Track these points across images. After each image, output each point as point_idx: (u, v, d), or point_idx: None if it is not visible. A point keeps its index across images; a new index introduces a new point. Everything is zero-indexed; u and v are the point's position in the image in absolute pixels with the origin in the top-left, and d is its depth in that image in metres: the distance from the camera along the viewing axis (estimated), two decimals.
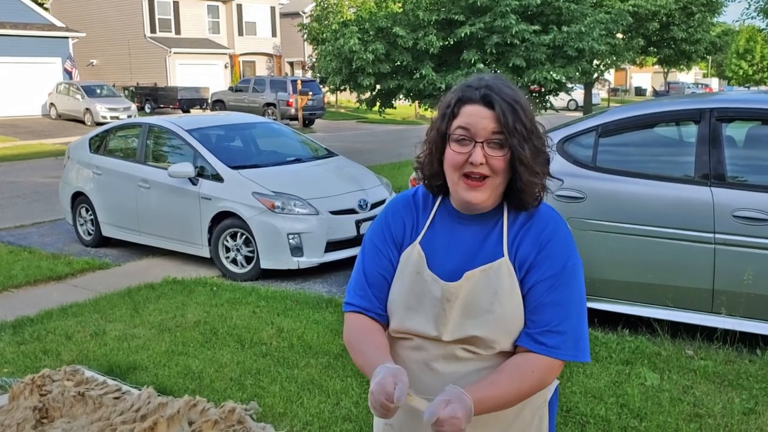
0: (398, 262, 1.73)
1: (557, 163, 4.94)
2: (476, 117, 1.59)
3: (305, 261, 6.72)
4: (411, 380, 1.64)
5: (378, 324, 1.74)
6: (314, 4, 30.69)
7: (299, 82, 28.51)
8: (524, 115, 1.60)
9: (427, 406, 1.47)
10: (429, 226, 1.72)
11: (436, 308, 1.65)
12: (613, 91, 53.60)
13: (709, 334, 4.70)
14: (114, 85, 32.02)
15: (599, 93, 43.88)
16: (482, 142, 1.59)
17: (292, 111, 27.91)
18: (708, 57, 39.54)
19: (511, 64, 13.29)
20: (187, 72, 37.42)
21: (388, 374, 1.48)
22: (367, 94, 15.52)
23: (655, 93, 51.97)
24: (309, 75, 37.33)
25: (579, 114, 29.98)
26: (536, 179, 1.62)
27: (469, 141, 1.60)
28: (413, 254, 1.70)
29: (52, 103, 29.94)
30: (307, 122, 28.52)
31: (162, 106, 32.04)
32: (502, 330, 1.62)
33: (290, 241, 6.67)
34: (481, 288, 1.63)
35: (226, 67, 39.90)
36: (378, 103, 15.67)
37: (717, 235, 4.43)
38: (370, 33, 13.92)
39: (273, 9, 43.34)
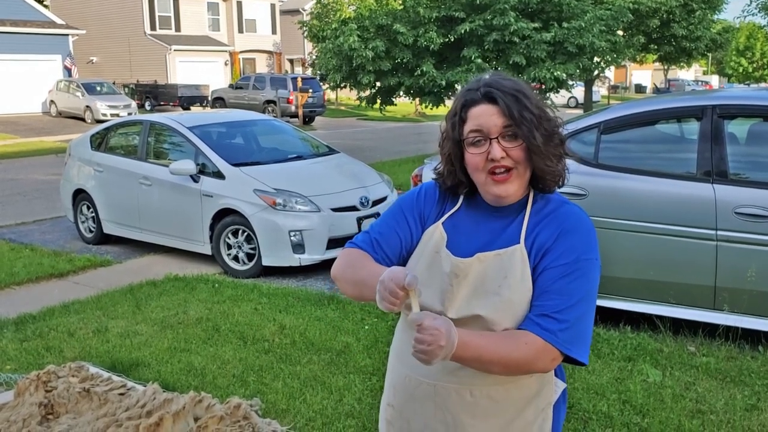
0: (419, 236, 1.76)
1: None
2: (484, 116, 1.63)
3: (307, 258, 6.73)
4: (410, 361, 1.67)
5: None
6: (314, 1, 30.71)
7: (299, 79, 28.50)
8: (529, 102, 1.62)
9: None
10: (456, 211, 1.76)
11: (444, 283, 1.67)
12: (614, 89, 53.57)
13: (711, 330, 4.71)
14: (114, 83, 32.01)
15: (599, 90, 43.85)
16: (496, 138, 1.62)
17: (293, 108, 27.90)
18: (708, 54, 39.53)
19: (511, 62, 13.30)
20: (188, 69, 37.40)
21: (398, 269, 1.50)
22: (368, 92, 15.53)
23: (656, 90, 51.93)
24: (309, 72, 37.29)
25: (579, 111, 29.99)
26: (552, 162, 1.65)
27: (484, 140, 1.63)
28: (435, 233, 1.73)
29: (52, 101, 29.92)
30: (308, 120, 28.52)
31: (162, 103, 32.03)
32: (507, 314, 1.62)
33: (292, 238, 6.67)
34: (492, 271, 1.64)
35: (226, 64, 39.88)
36: (378, 101, 15.67)
37: (719, 232, 4.43)
38: (370, 30, 13.92)
39: (273, 6, 43.31)
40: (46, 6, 35.40)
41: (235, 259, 7.01)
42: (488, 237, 1.69)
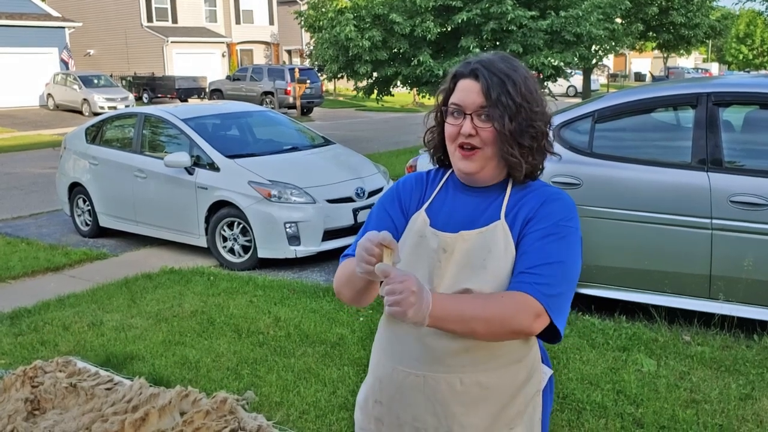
0: (403, 226, 1.78)
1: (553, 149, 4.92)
2: (466, 91, 1.66)
3: (302, 250, 6.71)
4: (403, 352, 1.70)
5: None
6: None
7: (297, 70, 28.41)
8: (514, 89, 1.63)
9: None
10: (436, 195, 1.78)
11: (432, 260, 1.68)
12: (613, 77, 53.41)
13: (706, 319, 4.70)
14: (111, 75, 31.91)
15: (598, 79, 43.72)
16: (471, 114, 1.65)
17: (290, 99, 27.84)
18: (707, 41, 39.37)
19: (508, 50, 13.22)
20: (185, 61, 37.30)
21: (375, 231, 1.50)
22: (365, 82, 15.46)
23: (653, 78, 51.80)
24: (307, 63, 37.17)
25: (578, 100, 29.91)
26: (517, 153, 1.65)
27: (460, 114, 1.67)
28: (419, 219, 1.75)
29: (49, 94, 29.86)
30: (305, 110, 28.45)
31: (160, 95, 31.95)
32: (493, 286, 1.62)
33: (287, 230, 6.66)
34: (477, 247, 1.66)
35: (223, 55, 39.76)
36: (375, 91, 15.60)
37: (714, 221, 4.41)
38: (367, 20, 13.85)
39: None
40: None
41: (231, 251, 7.00)
42: (470, 217, 1.71)
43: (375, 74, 14.88)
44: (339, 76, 15.37)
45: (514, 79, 1.64)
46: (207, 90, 31.89)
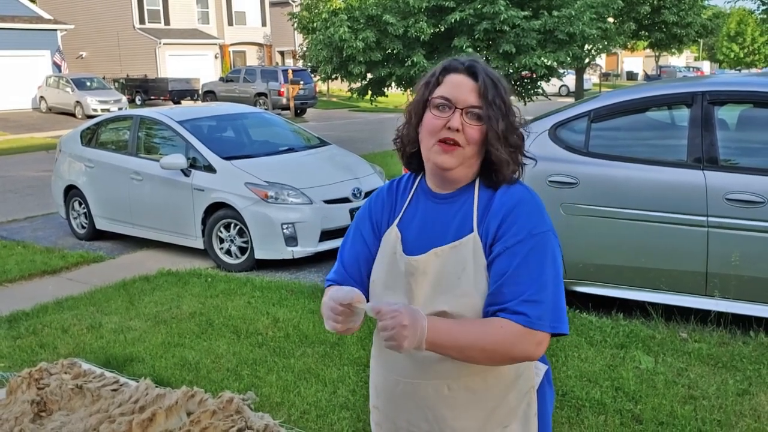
0: (376, 246, 1.79)
1: (549, 149, 4.95)
2: (459, 86, 1.66)
3: (300, 250, 6.72)
4: (392, 360, 1.72)
5: None
6: None
7: (290, 71, 28.38)
8: (504, 93, 1.67)
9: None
10: (407, 208, 1.78)
11: (404, 284, 1.69)
12: (605, 76, 53.55)
13: (702, 316, 4.73)
14: (104, 78, 31.83)
15: (591, 78, 43.83)
16: (462, 110, 1.64)
17: (284, 101, 27.80)
18: (699, 40, 39.57)
19: (501, 50, 13.28)
20: (178, 63, 37.21)
21: (339, 288, 1.57)
22: (359, 83, 15.48)
23: (646, 77, 51.97)
24: (300, 64, 37.16)
25: (571, 100, 29.98)
26: (509, 154, 1.66)
27: (449, 108, 1.65)
28: (391, 236, 1.76)
29: (42, 97, 29.75)
30: (299, 112, 28.43)
31: (153, 97, 31.88)
32: (468, 306, 1.62)
33: (284, 230, 6.67)
34: (451, 264, 1.65)
35: (216, 57, 39.70)
36: (369, 92, 15.63)
37: (710, 218, 4.45)
38: (360, 21, 13.87)
39: None
40: (33, 1, 35.15)
41: (228, 252, 7.00)
42: (441, 228, 1.70)
43: (369, 75, 14.91)
44: (333, 77, 15.39)
45: (503, 84, 1.68)
46: (200, 92, 31.84)
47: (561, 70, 15.32)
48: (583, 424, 3.49)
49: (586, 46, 16.03)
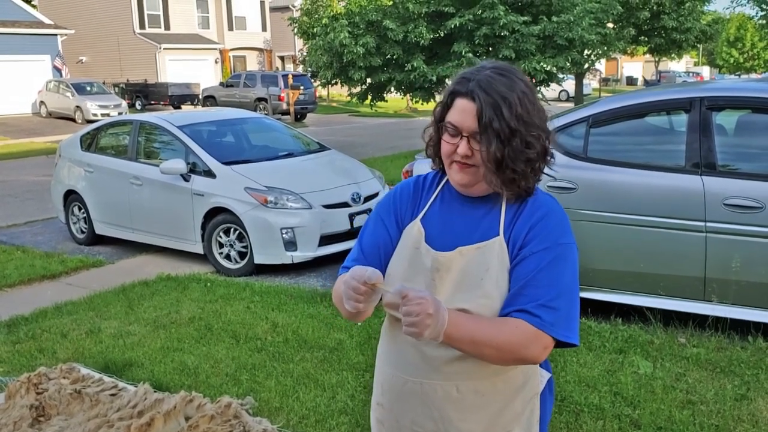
0: (397, 237, 1.78)
1: None
2: (463, 113, 1.65)
3: (299, 255, 6.73)
4: (401, 359, 1.72)
5: None
6: None
7: (290, 76, 28.41)
8: (509, 113, 1.60)
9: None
10: (431, 205, 1.78)
11: (427, 279, 1.69)
12: (605, 81, 53.65)
13: (701, 321, 4.74)
14: (104, 83, 31.87)
15: (590, 83, 43.89)
16: (467, 136, 1.64)
17: (284, 106, 27.84)
18: (699, 45, 39.59)
19: (501, 56, 13.30)
20: (178, 68, 37.26)
21: (362, 267, 1.55)
22: (359, 88, 15.52)
23: (646, 83, 52.04)
24: (300, 69, 37.23)
25: (570, 105, 30.02)
26: (511, 175, 1.64)
27: (456, 134, 1.66)
28: (413, 230, 1.75)
29: (42, 101, 29.78)
30: (299, 116, 28.47)
31: (153, 102, 31.93)
32: (487, 307, 1.63)
33: (283, 235, 6.67)
34: (474, 264, 1.66)
35: (216, 62, 39.75)
36: (369, 97, 15.66)
37: (708, 224, 4.46)
38: (361, 26, 13.92)
39: (263, 3, 43.20)
40: (34, 6, 35.26)
41: (227, 257, 7.01)
42: (466, 228, 1.71)
43: (369, 80, 14.94)
44: (333, 82, 15.43)
45: (511, 100, 1.60)
46: (200, 96, 31.88)
47: (560, 75, 15.35)
48: (581, 429, 3.49)
49: (586, 52, 16.06)
